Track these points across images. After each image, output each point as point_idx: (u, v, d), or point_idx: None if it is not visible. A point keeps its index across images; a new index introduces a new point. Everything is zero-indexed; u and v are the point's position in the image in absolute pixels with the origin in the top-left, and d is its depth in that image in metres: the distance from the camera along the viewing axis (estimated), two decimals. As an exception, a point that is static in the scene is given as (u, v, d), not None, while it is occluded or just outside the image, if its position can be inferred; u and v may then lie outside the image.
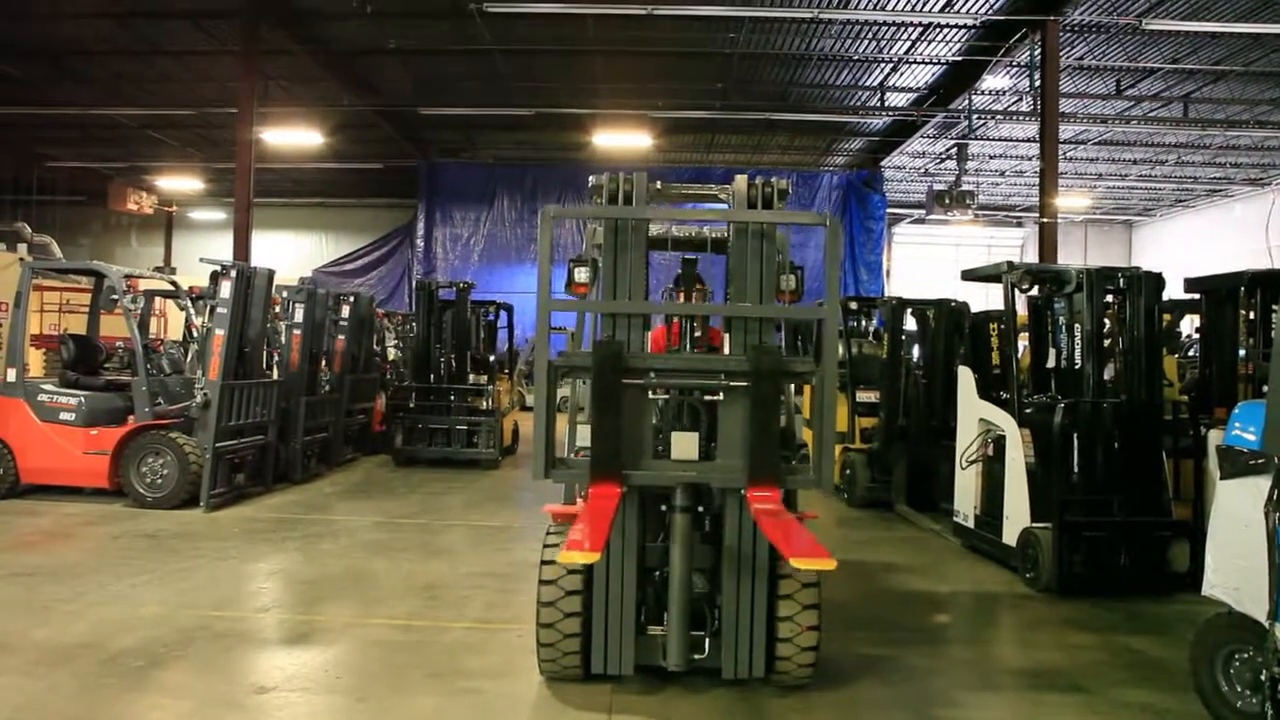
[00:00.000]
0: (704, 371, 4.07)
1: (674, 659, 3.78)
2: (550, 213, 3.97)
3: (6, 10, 13.81)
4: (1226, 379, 7.54)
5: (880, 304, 10.47)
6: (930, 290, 12.40)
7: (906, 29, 14.11)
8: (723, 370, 3.98)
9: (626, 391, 3.87)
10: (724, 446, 4.04)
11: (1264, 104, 16.78)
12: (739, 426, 3.96)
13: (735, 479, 3.90)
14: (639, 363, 3.93)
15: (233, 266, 8.55)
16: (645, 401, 4.01)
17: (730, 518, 3.99)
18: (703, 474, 3.96)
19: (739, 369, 3.93)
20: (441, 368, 11.52)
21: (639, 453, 3.96)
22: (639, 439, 3.96)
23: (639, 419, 3.97)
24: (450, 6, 12.99)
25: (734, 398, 3.99)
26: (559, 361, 3.98)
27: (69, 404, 8.51)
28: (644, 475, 3.92)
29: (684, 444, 4.09)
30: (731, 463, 3.97)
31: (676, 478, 3.87)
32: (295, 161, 20.48)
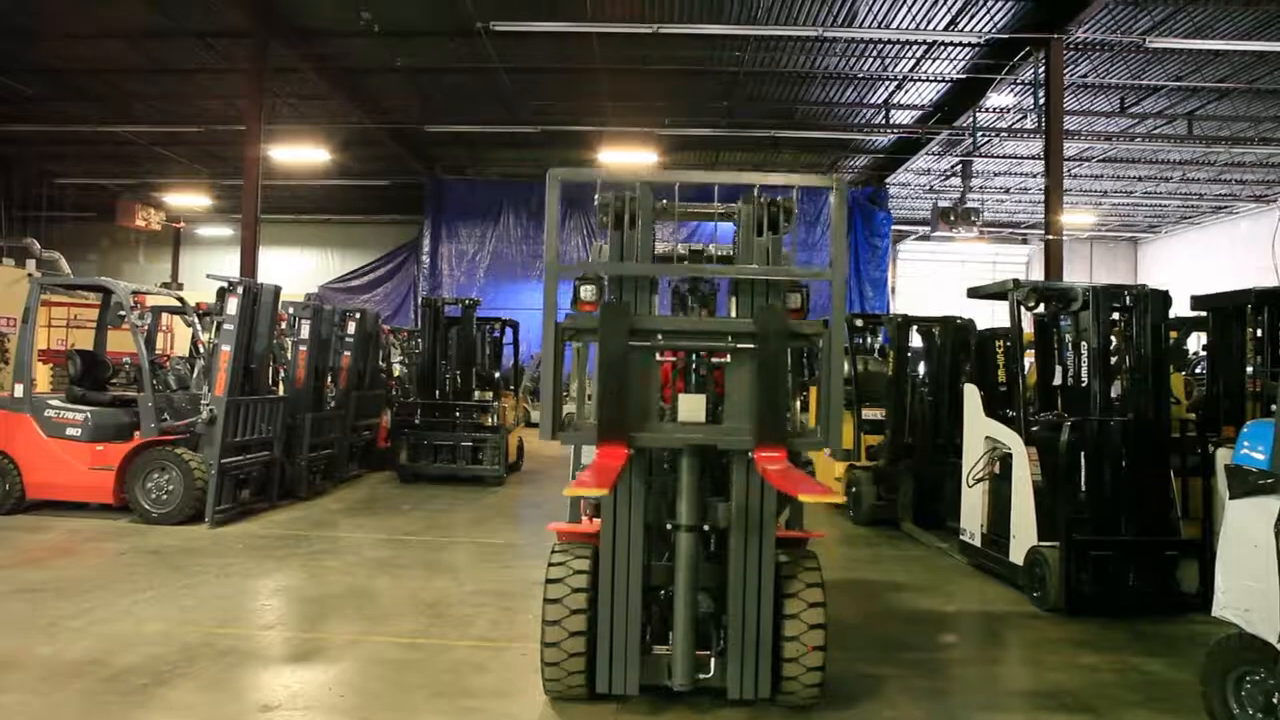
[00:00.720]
0: (711, 333, 4.06)
1: (679, 678, 3.76)
2: (558, 175, 4.03)
3: (21, 31, 13.98)
4: (1234, 397, 7.50)
5: (886, 321, 10.47)
6: (936, 307, 12.41)
7: (911, 47, 14.17)
8: (729, 332, 3.97)
9: (633, 354, 3.86)
10: (731, 409, 4.01)
11: (1268, 121, 16.80)
12: (746, 389, 3.93)
13: (743, 441, 3.88)
14: (646, 324, 3.93)
15: (239, 283, 8.58)
16: (652, 364, 4.00)
17: (737, 480, 3.96)
18: (710, 436, 3.95)
19: (745, 330, 3.92)
20: (447, 384, 11.53)
21: (646, 416, 3.94)
22: (646, 402, 3.95)
23: (646, 382, 3.96)
24: (457, 26, 13.10)
25: (740, 360, 3.97)
26: (566, 323, 3.98)
27: (75, 419, 8.53)
28: (651, 437, 3.91)
29: (691, 406, 4.08)
30: (739, 425, 3.94)
31: (684, 439, 3.88)
32: (302, 178, 20.60)
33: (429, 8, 12.83)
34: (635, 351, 3.89)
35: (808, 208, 21.95)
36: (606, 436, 3.77)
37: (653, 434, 3.90)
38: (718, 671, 4.00)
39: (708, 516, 3.97)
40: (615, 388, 3.78)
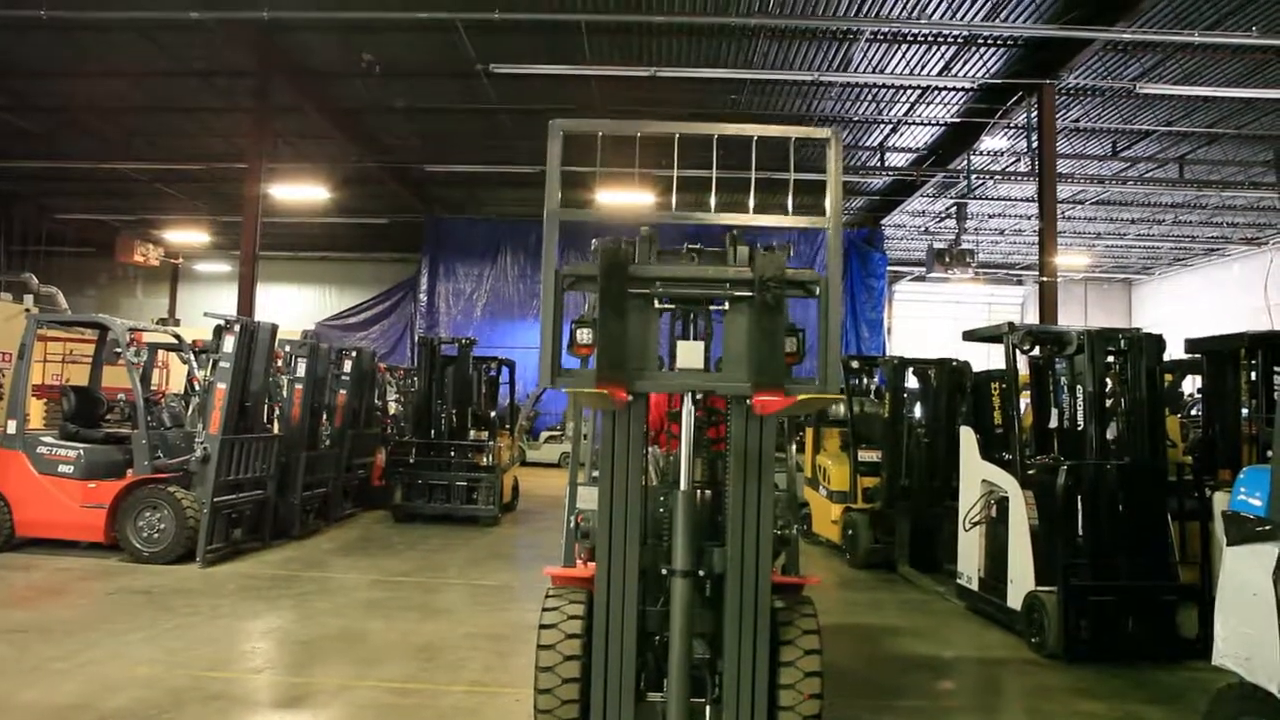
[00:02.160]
0: (709, 281, 4.08)
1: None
2: (559, 126, 4.02)
3: (27, 69, 14.16)
4: (1230, 440, 7.52)
5: (882, 363, 10.50)
6: (932, 347, 12.42)
7: (905, 91, 14.38)
8: (727, 280, 4.00)
9: (632, 303, 3.87)
10: (729, 356, 4.02)
11: (1257, 165, 17.00)
12: (743, 336, 3.95)
13: (741, 386, 3.89)
14: (644, 271, 3.95)
15: (236, 321, 8.60)
16: (651, 313, 4.00)
17: (736, 425, 3.97)
18: (708, 381, 3.98)
19: (743, 278, 3.95)
20: (442, 423, 11.50)
21: (645, 363, 3.94)
22: (644, 351, 3.95)
23: (645, 332, 3.96)
24: (457, 68, 13.27)
25: (738, 309, 3.99)
26: (566, 270, 3.98)
27: (68, 456, 8.48)
28: (650, 383, 3.93)
29: (689, 353, 4.09)
30: (737, 371, 3.95)
31: (682, 385, 3.91)
32: (301, 215, 20.71)
33: (430, 50, 13.00)
34: (634, 300, 3.91)
35: (804, 249, 22.11)
36: (606, 380, 3.74)
37: (652, 379, 3.93)
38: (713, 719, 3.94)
39: (703, 561, 3.93)
40: (615, 332, 3.78)
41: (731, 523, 3.96)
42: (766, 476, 3.98)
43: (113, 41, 13.02)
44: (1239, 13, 11.22)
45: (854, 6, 11.44)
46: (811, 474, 10.43)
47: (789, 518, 4.28)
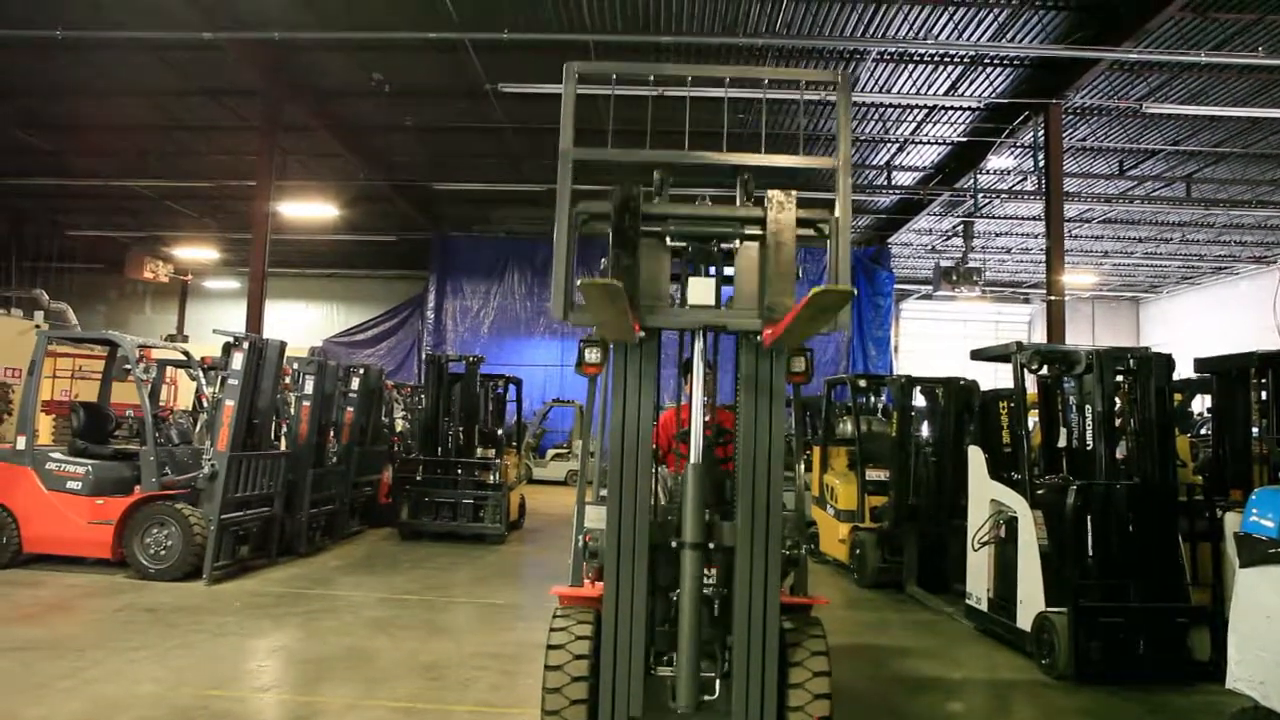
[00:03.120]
0: (720, 219, 4.15)
1: (683, 699, 3.71)
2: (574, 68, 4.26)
3: (43, 88, 14.30)
4: (1240, 460, 7.47)
5: (889, 382, 10.47)
6: (939, 365, 12.42)
7: (912, 111, 14.42)
8: (738, 218, 4.08)
9: (645, 241, 3.93)
10: (740, 294, 4.09)
11: (1265, 184, 16.99)
12: (754, 274, 4.03)
13: (751, 322, 3.95)
14: (656, 210, 4.04)
15: (245, 338, 8.63)
16: (663, 251, 4.08)
17: (746, 361, 4.02)
18: (719, 318, 4.02)
19: (753, 217, 4.03)
20: (449, 441, 11.50)
21: (657, 301, 4.02)
22: (656, 290, 4.02)
23: (657, 268, 4.03)
24: (466, 87, 13.36)
25: (749, 248, 4.07)
26: (581, 208, 4.08)
27: (76, 473, 8.50)
28: (662, 319, 3.98)
29: (700, 289, 4.12)
30: (747, 307, 4.02)
31: (694, 321, 3.96)
32: (310, 233, 20.82)
33: (439, 69, 13.09)
34: (647, 240, 3.97)
35: (810, 266, 22.12)
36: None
37: (663, 316, 4.00)
38: (723, 693, 3.93)
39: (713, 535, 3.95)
40: (626, 269, 3.82)
41: (740, 538, 3.94)
42: (775, 482, 3.97)
43: (126, 61, 13.15)
44: (1245, 33, 11.24)
45: (861, 27, 11.50)
46: (819, 493, 10.39)
47: (797, 537, 4.26)
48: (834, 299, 3.07)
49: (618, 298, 3.21)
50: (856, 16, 11.25)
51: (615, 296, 3.20)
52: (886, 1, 10.97)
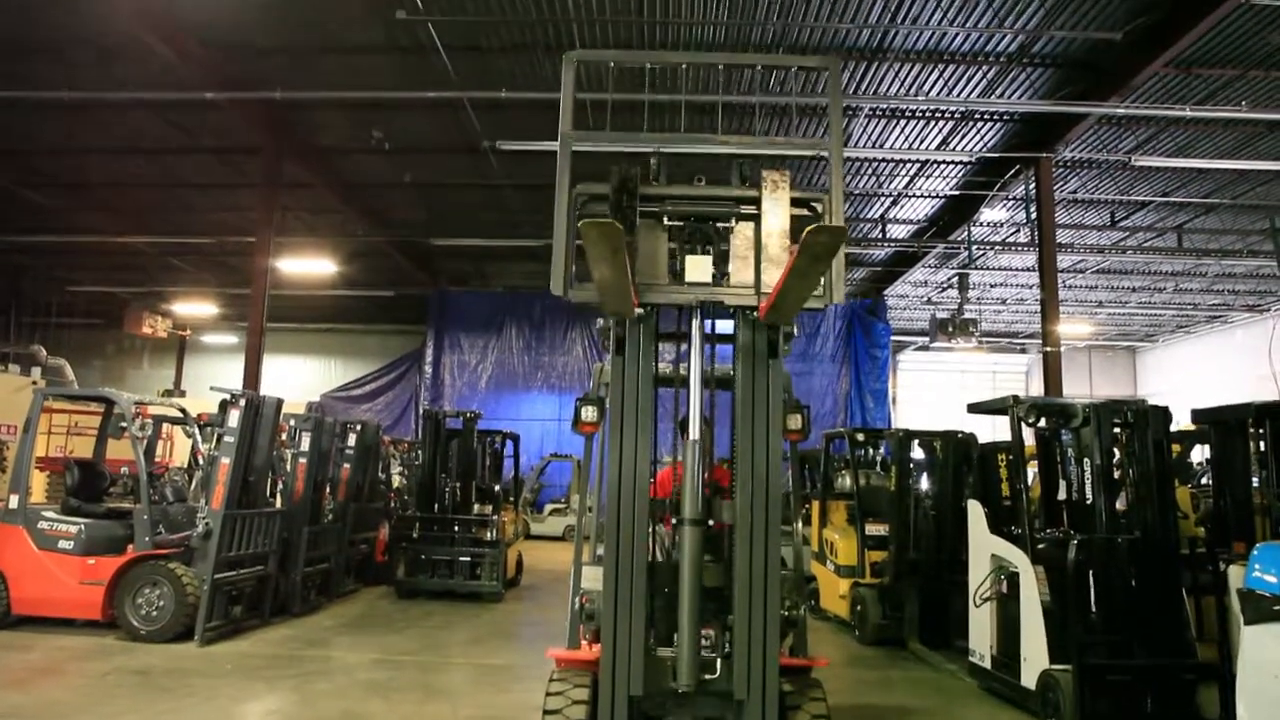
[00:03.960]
0: (715, 199, 4.27)
1: (684, 678, 3.64)
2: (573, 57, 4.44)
3: (48, 147, 14.53)
4: (1242, 511, 7.43)
5: (887, 435, 10.45)
6: (938, 416, 12.39)
7: (905, 165, 14.64)
8: (734, 198, 4.22)
9: (643, 221, 4.05)
10: (736, 271, 4.18)
11: (1255, 234, 17.17)
12: (750, 251, 4.13)
13: (748, 297, 4.05)
14: (654, 190, 4.17)
15: (242, 395, 8.61)
16: (660, 230, 4.18)
17: (743, 334, 4.12)
18: (716, 294, 4.11)
19: (749, 196, 4.16)
20: (446, 497, 11.41)
21: (654, 278, 4.11)
22: (654, 268, 4.12)
23: (654, 247, 4.14)
24: (465, 144, 13.56)
25: (744, 226, 4.20)
26: (580, 189, 4.21)
27: (68, 532, 8.40)
28: (660, 295, 4.08)
29: (698, 266, 4.20)
30: (743, 284, 4.10)
31: (691, 297, 4.05)
32: (308, 288, 20.93)
33: (438, 127, 13.30)
34: (645, 220, 4.09)
35: (806, 320, 22.27)
36: None
37: (661, 292, 4.09)
38: (724, 672, 3.91)
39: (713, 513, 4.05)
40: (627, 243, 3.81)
41: (739, 595, 3.89)
42: (773, 540, 3.95)
43: (130, 120, 13.35)
44: (1228, 88, 11.49)
45: (853, 84, 11.72)
46: (818, 548, 10.30)
47: (795, 598, 4.22)
48: (827, 239, 3.08)
49: (616, 241, 3.23)
50: (849, 74, 11.48)
51: (614, 240, 3.21)
52: (878, 59, 11.21)
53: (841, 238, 3.14)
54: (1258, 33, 10.20)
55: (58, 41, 11.15)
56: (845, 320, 22.43)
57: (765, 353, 4.06)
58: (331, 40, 11.11)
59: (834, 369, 22.23)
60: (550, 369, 22.55)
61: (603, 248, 3.24)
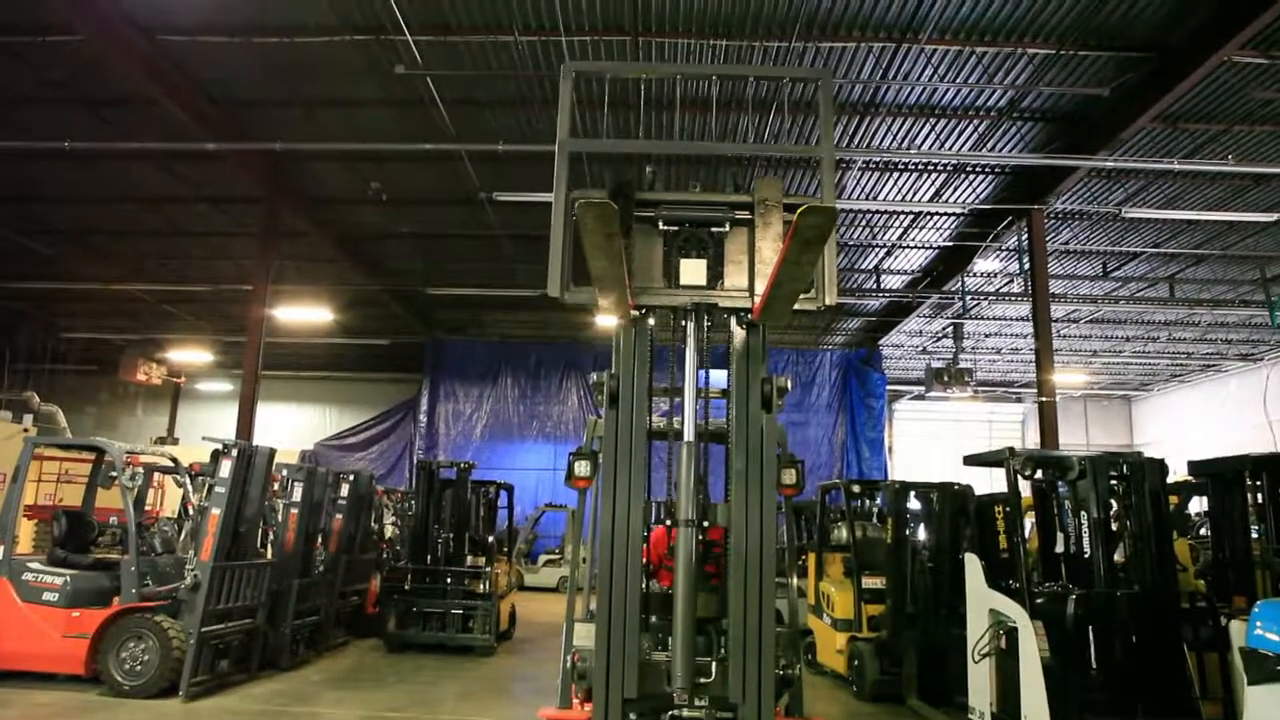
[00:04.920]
0: (710, 204, 4.32)
1: (679, 681, 3.62)
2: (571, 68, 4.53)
3: (49, 195, 14.63)
4: (1241, 564, 7.38)
5: (884, 487, 10.39)
6: (934, 465, 12.33)
7: (898, 217, 14.78)
8: (728, 203, 4.27)
9: (639, 226, 4.12)
10: (730, 275, 4.24)
11: (1246, 284, 17.30)
12: (744, 255, 4.21)
13: (741, 299, 4.12)
14: (650, 196, 4.25)
15: (234, 446, 8.55)
16: (655, 234, 4.24)
17: (737, 341, 4.16)
18: (711, 296, 4.16)
19: (743, 202, 4.23)
20: (439, 548, 11.29)
21: (650, 281, 4.18)
22: (649, 268, 4.18)
23: (650, 250, 4.21)
24: (461, 195, 13.69)
25: (738, 230, 4.26)
26: (576, 194, 4.23)
27: (53, 584, 8.27)
28: (655, 297, 4.14)
29: (693, 270, 4.26)
30: (738, 286, 4.16)
31: (687, 299, 4.12)
32: (304, 336, 20.95)
33: (435, 178, 13.43)
34: (640, 224, 4.16)
35: (801, 370, 22.32)
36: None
37: (657, 295, 4.15)
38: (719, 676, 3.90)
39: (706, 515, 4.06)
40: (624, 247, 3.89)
41: (733, 651, 3.82)
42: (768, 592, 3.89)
43: (131, 170, 13.48)
44: (1214, 142, 11.68)
45: (846, 138, 11.88)
46: (815, 601, 10.18)
47: (791, 656, 4.14)
48: (818, 221, 3.09)
49: (611, 225, 3.24)
50: (841, 127, 11.64)
51: (609, 223, 3.22)
52: (870, 114, 11.38)
53: (832, 219, 3.16)
54: (1241, 89, 10.39)
55: (62, 94, 11.29)
56: (840, 370, 22.47)
57: (760, 400, 4.03)
58: (332, 93, 11.27)
59: (829, 419, 22.20)
60: (545, 418, 22.49)
61: (598, 234, 3.27)
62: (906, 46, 9.85)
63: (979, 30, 9.61)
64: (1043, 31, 9.58)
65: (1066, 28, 9.49)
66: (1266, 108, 10.82)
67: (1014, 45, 9.76)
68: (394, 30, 9.61)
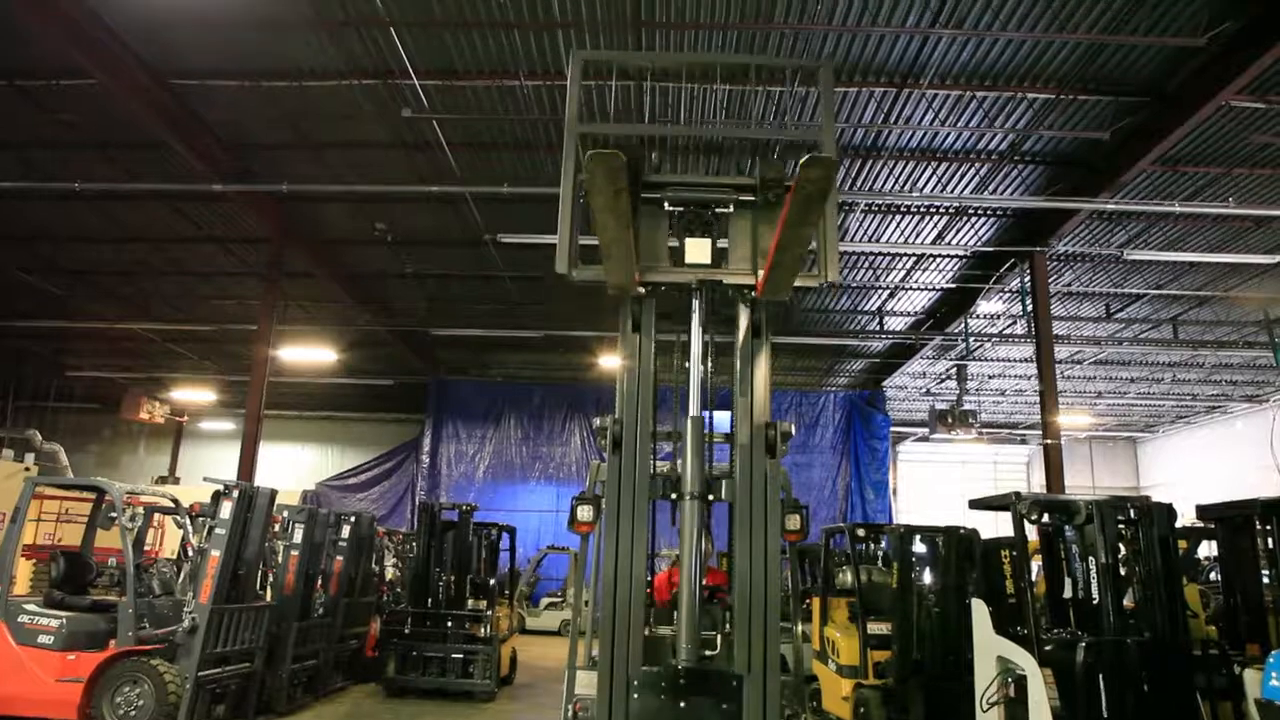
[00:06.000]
0: (715, 185, 4.41)
1: (684, 654, 3.61)
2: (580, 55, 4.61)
3: (58, 235, 14.77)
4: (1254, 610, 7.26)
5: (888, 531, 10.29)
6: (939, 507, 12.22)
7: (901, 259, 14.83)
8: (733, 185, 4.34)
9: (645, 208, 4.20)
10: (734, 254, 4.31)
11: (1249, 325, 17.29)
12: (748, 235, 4.27)
13: (745, 277, 4.19)
14: (656, 179, 4.33)
15: (235, 487, 8.51)
16: (661, 215, 4.33)
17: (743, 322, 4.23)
18: (715, 273, 4.23)
19: (747, 184, 4.30)
20: (440, 591, 11.16)
21: (656, 259, 4.26)
22: (656, 248, 4.26)
23: (656, 230, 4.30)
24: (466, 236, 13.79)
25: (744, 210, 4.33)
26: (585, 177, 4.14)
27: (49, 626, 8.17)
28: (661, 274, 4.21)
29: (698, 249, 4.31)
30: (744, 265, 4.23)
31: (692, 276, 4.19)
32: (308, 376, 20.98)
33: (440, 219, 13.53)
34: (647, 206, 4.24)
35: (805, 411, 22.26)
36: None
37: (663, 272, 4.22)
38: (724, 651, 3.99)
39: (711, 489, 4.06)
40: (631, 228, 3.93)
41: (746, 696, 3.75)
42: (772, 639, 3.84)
43: (140, 210, 13.63)
44: (1214, 185, 11.75)
45: (849, 181, 11.96)
46: (820, 646, 10.02)
47: (796, 707, 4.07)
48: (818, 173, 3.10)
49: (619, 180, 3.27)
50: (844, 170, 11.73)
51: (617, 177, 3.25)
52: (873, 157, 11.47)
53: (833, 170, 3.18)
54: (1239, 133, 10.47)
55: (73, 135, 11.43)
56: (844, 411, 22.40)
57: (763, 449, 4.02)
58: (339, 136, 11.40)
59: (834, 460, 22.08)
60: (548, 459, 22.40)
61: (607, 191, 3.31)
62: (908, 91, 9.95)
63: (979, 75, 9.73)
64: (1042, 76, 9.69)
65: (1065, 73, 9.60)
66: (1265, 151, 10.90)
67: (1014, 90, 9.87)
68: (401, 74, 9.75)
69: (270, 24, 9.16)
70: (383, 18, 8.93)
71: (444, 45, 9.45)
